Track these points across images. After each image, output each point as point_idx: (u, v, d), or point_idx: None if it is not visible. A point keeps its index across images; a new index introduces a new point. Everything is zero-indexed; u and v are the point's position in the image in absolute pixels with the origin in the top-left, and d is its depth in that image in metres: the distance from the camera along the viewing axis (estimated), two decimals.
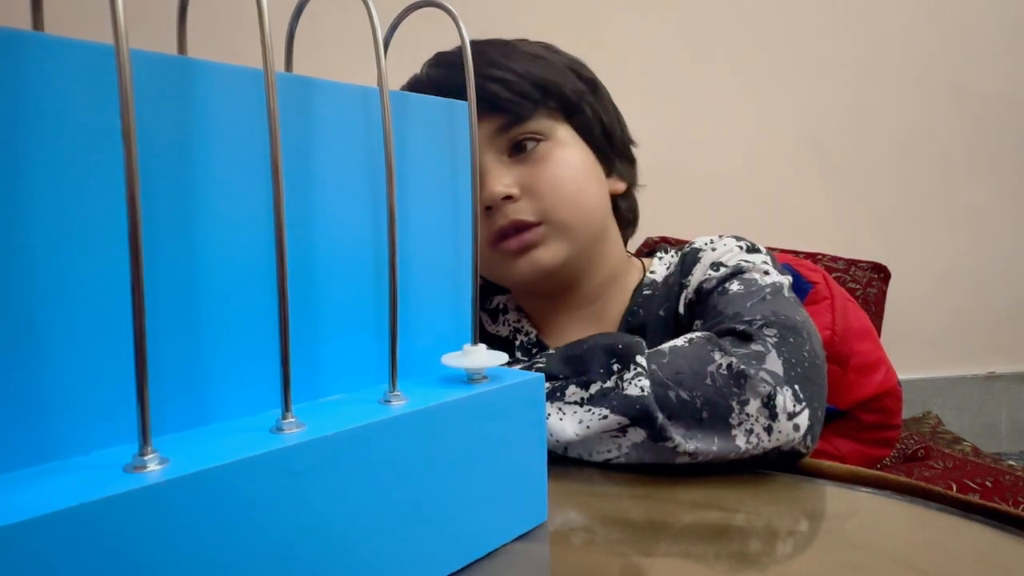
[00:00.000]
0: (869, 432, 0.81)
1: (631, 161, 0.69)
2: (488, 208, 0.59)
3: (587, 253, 0.63)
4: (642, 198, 0.72)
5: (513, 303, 0.70)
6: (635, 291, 0.64)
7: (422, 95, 0.35)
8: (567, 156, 0.61)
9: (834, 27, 1.56)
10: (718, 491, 0.43)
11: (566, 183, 0.60)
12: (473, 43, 0.39)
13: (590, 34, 1.30)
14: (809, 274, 0.87)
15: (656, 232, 0.94)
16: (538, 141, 0.60)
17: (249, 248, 0.28)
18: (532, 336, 0.66)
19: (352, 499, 0.27)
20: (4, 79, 0.22)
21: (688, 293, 0.59)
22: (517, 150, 0.60)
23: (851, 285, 1.22)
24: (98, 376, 0.24)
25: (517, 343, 0.66)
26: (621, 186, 0.67)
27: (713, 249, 0.61)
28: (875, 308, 1.24)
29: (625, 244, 0.71)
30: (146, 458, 0.22)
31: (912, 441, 1.07)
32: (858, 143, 1.58)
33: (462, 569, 0.32)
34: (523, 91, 0.60)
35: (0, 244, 0.22)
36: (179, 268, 0.26)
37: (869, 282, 1.25)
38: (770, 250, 0.64)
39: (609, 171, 0.66)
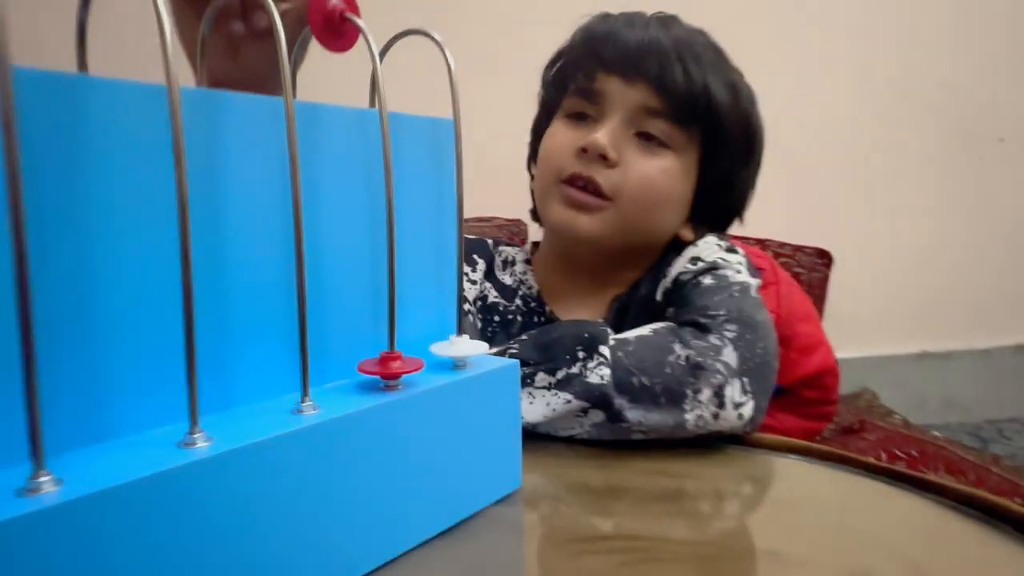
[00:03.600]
0: (809, 407, 0.88)
1: (715, 231, 0.69)
2: (583, 150, 0.60)
3: (620, 252, 0.65)
4: None
5: (523, 256, 0.73)
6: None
7: (409, 114, 0.39)
8: (675, 172, 0.62)
9: (784, 21, 1.63)
10: (669, 460, 0.49)
11: (656, 192, 0.62)
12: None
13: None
14: (757, 261, 0.92)
15: None
16: (666, 147, 0.62)
17: (264, 251, 0.32)
18: (534, 291, 0.69)
19: (354, 472, 0.32)
20: (66, 116, 0.25)
21: (666, 282, 0.63)
22: (642, 136, 0.61)
23: (797, 270, 1.29)
24: (149, 363, 0.28)
25: (520, 293, 0.70)
26: (688, 235, 0.67)
27: (695, 245, 0.65)
28: (819, 291, 1.31)
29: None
30: (195, 436, 0.27)
31: (849, 415, 1.14)
32: (807, 135, 1.65)
33: (447, 529, 0.38)
34: (695, 99, 0.60)
35: (67, 257, 0.26)
36: (207, 266, 0.30)
37: (813, 267, 1.32)
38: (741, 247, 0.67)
39: (691, 218, 0.67)
